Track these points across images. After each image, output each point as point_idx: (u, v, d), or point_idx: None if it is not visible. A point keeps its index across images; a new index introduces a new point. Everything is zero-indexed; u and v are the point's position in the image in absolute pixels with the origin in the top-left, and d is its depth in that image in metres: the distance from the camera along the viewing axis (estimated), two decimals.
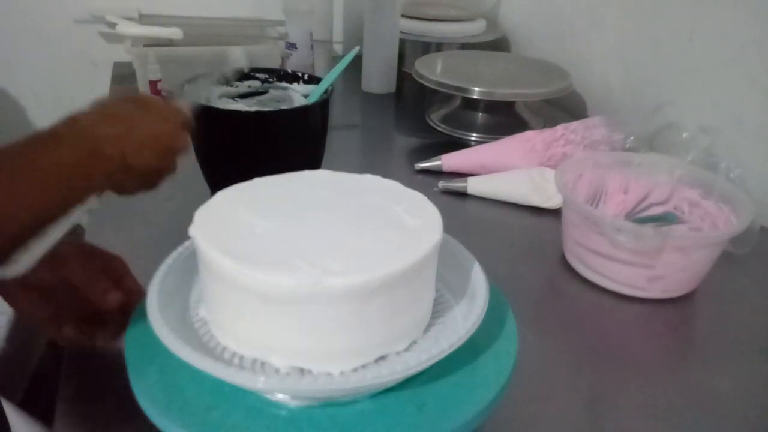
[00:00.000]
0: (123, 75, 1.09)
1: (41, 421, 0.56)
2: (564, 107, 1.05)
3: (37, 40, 1.17)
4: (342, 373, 0.35)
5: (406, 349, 0.39)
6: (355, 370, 0.36)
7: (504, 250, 0.66)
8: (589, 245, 0.59)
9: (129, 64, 1.04)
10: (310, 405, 0.36)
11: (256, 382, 0.33)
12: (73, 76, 1.21)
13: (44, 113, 1.22)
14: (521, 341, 0.42)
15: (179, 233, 0.40)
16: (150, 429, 0.35)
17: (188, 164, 0.67)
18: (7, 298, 0.45)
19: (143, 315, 0.38)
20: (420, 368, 0.35)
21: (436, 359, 0.35)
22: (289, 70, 0.73)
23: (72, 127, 0.39)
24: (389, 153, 0.94)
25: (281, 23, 1.12)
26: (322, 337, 0.35)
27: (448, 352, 0.36)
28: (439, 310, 0.43)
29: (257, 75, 0.73)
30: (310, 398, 0.36)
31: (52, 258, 0.39)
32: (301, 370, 0.36)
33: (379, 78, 1.10)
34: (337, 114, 0.93)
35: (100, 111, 0.42)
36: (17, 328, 0.70)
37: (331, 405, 0.36)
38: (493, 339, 0.41)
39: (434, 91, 0.96)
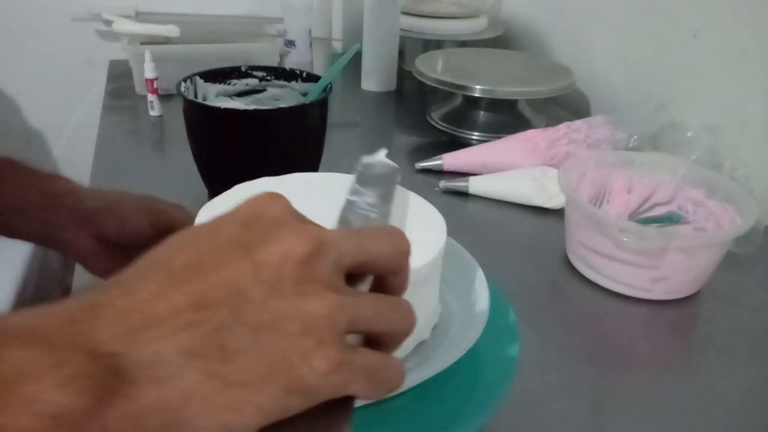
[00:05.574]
0: (119, 73, 1.09)
1: None
2: (567, 105, 1.04)
3: (34, 38, 1.16)
4: None
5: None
6: None
7: (506, 251, 0.65)
8: (593, 246, 0.58)
9: (125, 62, 1.04)
10: None
11: None
12: (70, 74, 1.20)
13: (40, 111, 1.21)
14: (523, 342, 0.41)
15: None
16: None
17: (184, 164, 0.67)
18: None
19: None
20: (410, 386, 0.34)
21: (428, 376, 0.35)
22: (288, 68, 0.72)
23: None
24: (389, 152, 0.93)
25: (280, 20, 1.11)
26: None
27: (439, 370, 0.35)
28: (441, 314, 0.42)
29: (255, 73, 0.72)
30: None
31: None
32: None
33: (378, 76, 1.09)
34: (336, 112, 0.92)
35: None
36: None
37: None
38: (494, 340, 0.40)
39: (435, 89, 0.95)
